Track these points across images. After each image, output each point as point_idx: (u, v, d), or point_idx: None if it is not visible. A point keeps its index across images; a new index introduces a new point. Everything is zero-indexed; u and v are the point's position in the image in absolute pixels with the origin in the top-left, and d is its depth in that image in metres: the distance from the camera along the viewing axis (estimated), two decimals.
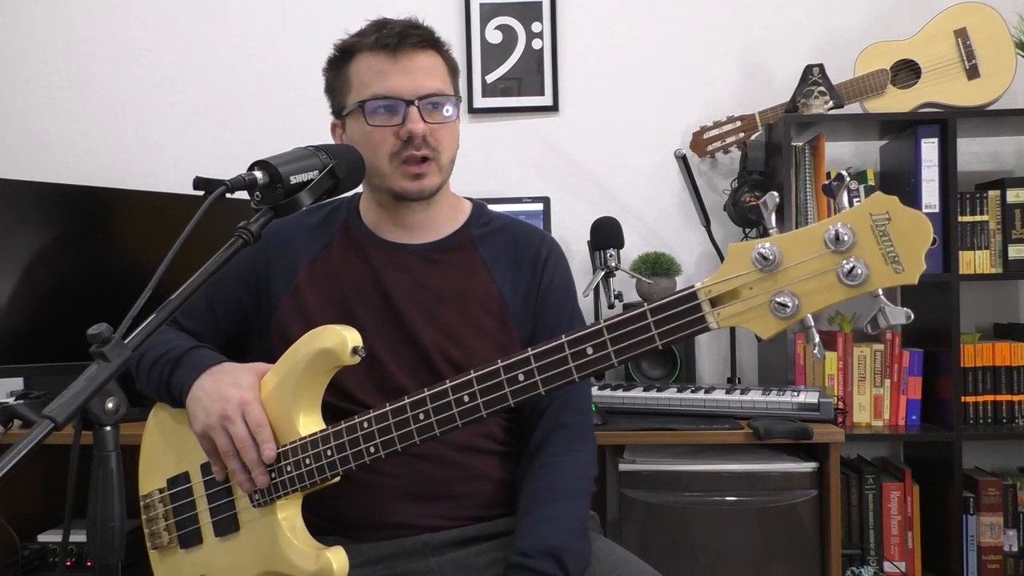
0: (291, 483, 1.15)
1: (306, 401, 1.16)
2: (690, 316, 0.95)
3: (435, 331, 1.29)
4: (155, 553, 1.31)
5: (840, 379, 2.29)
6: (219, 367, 1.23)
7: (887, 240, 0.87)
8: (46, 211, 2.02)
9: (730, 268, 0.93)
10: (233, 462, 1.17)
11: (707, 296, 0.94)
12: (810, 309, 0.91)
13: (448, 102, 1.30)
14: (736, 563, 1.81)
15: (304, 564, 1.14)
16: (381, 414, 1.11)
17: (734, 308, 0.93)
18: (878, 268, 0.87)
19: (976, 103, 2.33)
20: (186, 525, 1.26)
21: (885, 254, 0.87)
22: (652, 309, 0.96)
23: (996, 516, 2.24)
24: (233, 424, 1.15)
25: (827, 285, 0.89)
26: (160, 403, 1.34)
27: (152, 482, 1.31)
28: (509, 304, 1.33)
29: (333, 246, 1.36)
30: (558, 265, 1.40)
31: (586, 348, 1.00)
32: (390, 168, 1.28)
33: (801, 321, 0.92)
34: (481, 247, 1.37)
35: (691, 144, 2.45)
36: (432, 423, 1.08)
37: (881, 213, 0.87)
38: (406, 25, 1.29)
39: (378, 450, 1.11)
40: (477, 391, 1.06)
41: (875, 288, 0.88)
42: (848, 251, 0.87)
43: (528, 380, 1.03)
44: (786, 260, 0.90)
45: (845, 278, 0.88)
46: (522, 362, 1.03)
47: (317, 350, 1.14)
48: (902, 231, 0.86)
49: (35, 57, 2.66)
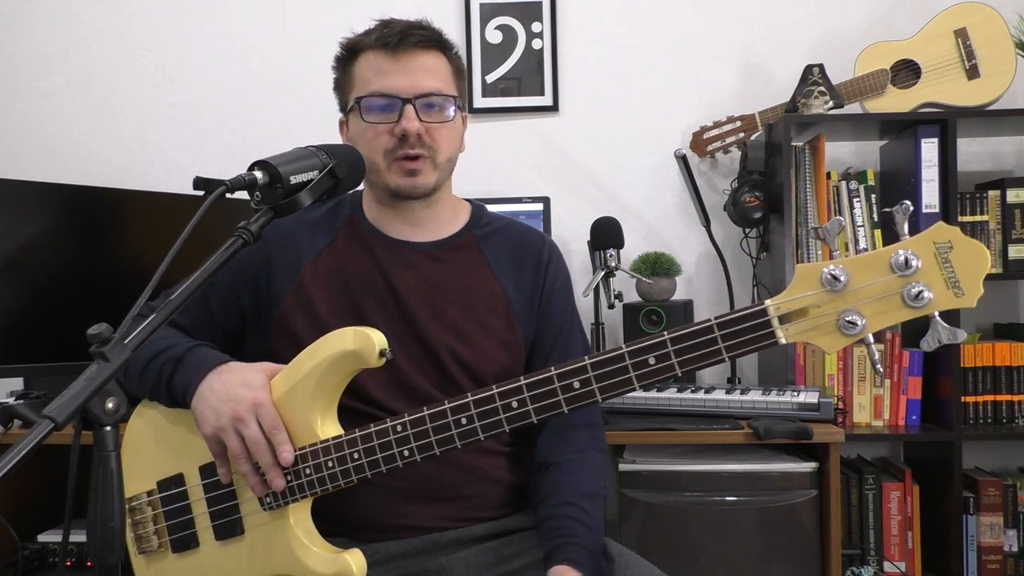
0: (309, 486, 1.14)
1: (323, 403, 1.15)
2: (760, 331, 0.99)
3: (442, 329, 1.29)
4: (141, 558, 1.27)
5: (840, 379, 2.29)
6: (226, 366, 1.21)
7: (949, 266, 0.94)
8: (46, 211, 2.02)
9: (799, 288, 0.98)
10: (244, 465, 1.14)
11: (776, 313, 0.99)
12: (875, 328, 0.97)
13: (447, 103, 1.30)
14: (736, 563, 1.81)
15: (321, 568, 1.12)
16: (418, 418, 1.11)
17: (802, 325, 0.99)
18: (940, 292, 0.94)
19: (976, 103, 2.33)
20: (180, 529, 1.23)
21: (947, 279, 0.94)
22: (719, 324, 1.01)
23: (996, 516, 2.24)
24: (246, 426, 1.13)
25: (893, 306, 0.96)
26: (147, 402, 1.30)
27: (139, 484, 1.26)
28: (514, 303, 1.34)
29: (337, 242, 1.35)
30: (559, 267, 1.42)
31: (648, 358, 1.03)
32: (385, 165, 1.29)
33: (862, 339, 0.98)
34: (484, 247, 1.37)
35: (691, 144, 2.45)
36: (476, 428, 1.09)
37: (944, 241, 0.95)
38: (409, 24, 1.29)
39: (413, 454, 1.11)
40: (528, 397, 1.08)
41: (936, 310, 0.95)
42: (913, 275, 0.94)
43: (584, 388, 1.06)
44: (853, 282, 0.96)
45: (911, 301, 0.94)
46: (579, 370, 1.06)
47: (341, 352, 1.12)
48: (962, 258, 0.94)
49: (35, 57, 2.66)
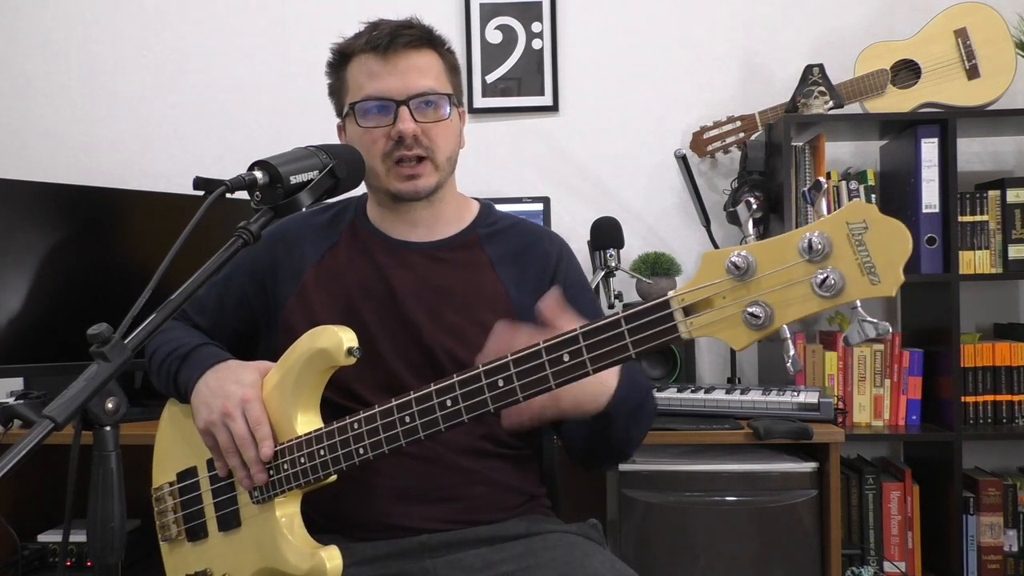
0: (287, 481, 1.16)
1: (304, 400, 1.17)
2: (662, 325, 0.92)
3: (439, 330, 1.29)
4: (165, 545, 1.34)
5: (840, 379, 2.29)
6: (224, 364, 1.25)
7: (863, 250, 0.83)
8: (46, 211, 2.02)
9: (704, 276, 0.89)
10: (233, 459, 1.17)
11: (680, 304, 0.91)
12: (784, 320, 0.87)
13: (441, 100, 1.30)
14: (736, 563, 1.81)
15: (298, 562, 1.14)
16: (370, 415, 1.11)
17: (707, 317, 0.89)
18: (853, 279, 0.83)
19: (976, 103, 2.33)
20: (193, 519, 1.28)
21: (861, 264, 0.83)
22: (626, 317, 0.94)
23: (996, 516, 2.24)
24: (234, 421, 1.16)
25: (801, 295, 0.85)
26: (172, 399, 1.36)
27: (163, 475, 1.33)
28: (515, 303, 1.33)
29: (339, 245, 1.36)
30: (571, 264, 1.41)
31: (563, 355, 0.97)
32: (383, 168, 1.29)
33: (776, 332, 0.88)
34: (487, 246, 1.37)
35: (691, 144, 2.45)
36: (417, 426, 1.08)
37: (858, 222, 0.83)
38: (398, 25, 1.29)
39: (367, 451, 1.11)
40: (459, 395, 1.04)
41: (851, 299, 0.84)
42: (823, 261, 0.84)
43: (507, 386, 1.01)
44: (760, 269, 0.86)
45: (819, 288, 0.84)
46: (502, 367, 1.01)
47: (314, 350, 1.15)
48: (880, 241, 0.82)
49: (35, 57, 2.66)
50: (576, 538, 1.29)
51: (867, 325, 0.86)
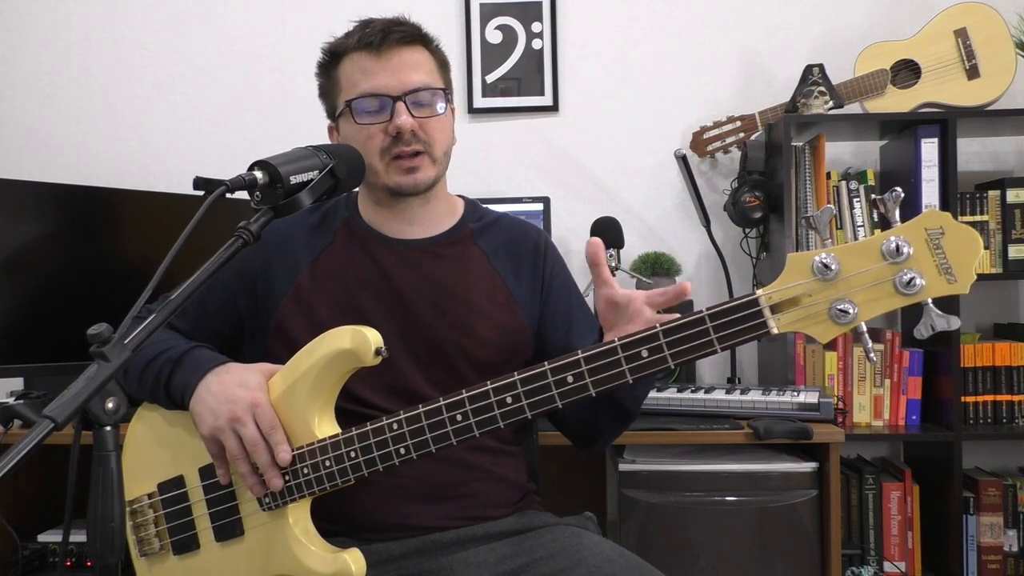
0: (307, 486, 1.13)
1: (321, 403, 1.14)
2: (751, 321, 0.98)
3: (447, 325, 1.30)
4: (143, 561, 1.27)
5: (840, 379, 2.29)
6: (223, 367, 1.21)
7: (940, 253, 0.93)
8: (46, 211, 2.02)
9: (790, 276, 0.97)
10: (243, 465, 1.14)
11: (768, 303, 0.98)
12: (867, 316, 0.95)
13: (437, 95, 1.30)
14: (736, 563, 1.81)
15: (320, 567, 1.12)
16: (413, 415, 1.10)
17: (794, 314, 0.98)
18: (932, 278, 0.94)
19: (976, 103, 2.33)
20: (181, 531, 1.23)
21: (939, 265, 0.93)
22: (711, 315, 0.99)
23: (996, 516, 2.24)
24: (244, 426, 1.13)
25: (885, 294, 0.95)
26: (147, 404, 1.30)
27: (140, 487, 1.26)
28: (514, 292, 1.35)
29: (335, 244, 1.35)
30: (554, 254, 1.45)
31: (641, 351, 1.01)
32: (382, 164, 1.29)
33: (855, 328, 0.96)
34: (480, 240, 1.38)
35: (691, 144, 2.45)
36: (471, 424, 1.08)
37: (935, 227, 0.93)
38: (389, 22, 1.29)
39: (409, 452, 1.10)
40: (522, 392, 1.05)
41: (928, 297, 0.94)
42: (905, 262, 0.93)
43: (578, 382, 1.04)
44: (845, 270, 0.95)
45: (903, 288, 0.93)
46: (571, 364, 1.04)
47: (337, 351, 1.12)
48: (954, 244, 0.93)
49: (35, 57, 2.65)
50: (577, 529, 1.30)
51: (938, 319, 0.96)
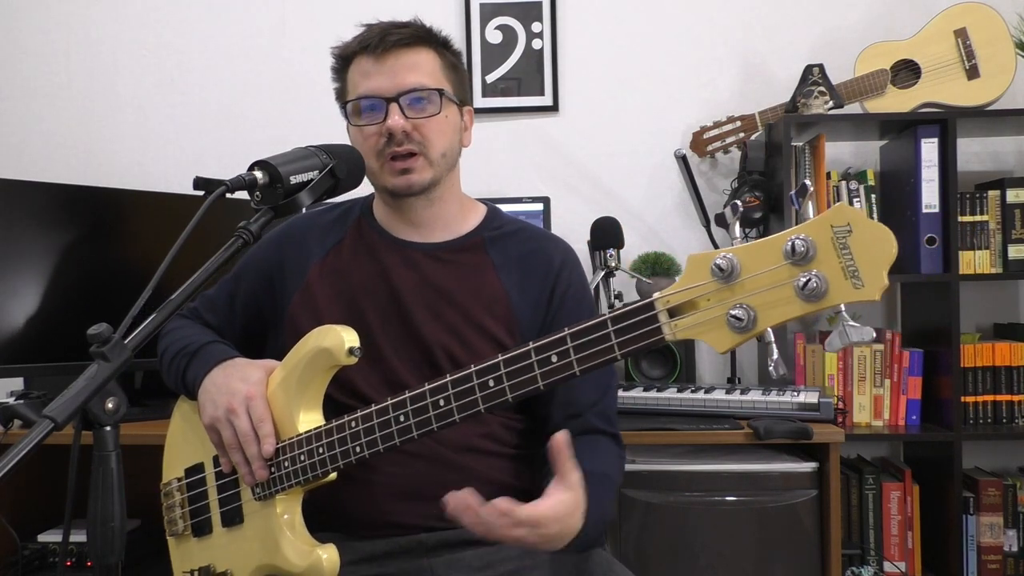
0: (288, 478, 1.17)
1: (307, 398, 1.19)
2: (647, 327, 0.92)
3: (439, 329, 1.30)
4: (172, 540, 1.36)
5: (840, 379, 2.29)
6: (230, 362, 1.27)
7: (847, 253, 0.82)
8: (46, 211, 2.01)
9: (689, 278, 0.90)
10: (236, 455, 1.20)
11: (665, 306, 0.91)
12: (767, 323, 0.86)
13: (433, 96, 1.30)
14: (736, 563, 1.81)
15: (296, 559, 1.16)
16: (367, 414, 1.12)
17: (691, 319, 0.90)
18: (837, 283, 0.83)
19: (976, 103, 2.33)
20: (199, 514, 1.30)
21: (844, 268, 0.82)
22: (612, 318, 0.95)
23: (996, 516, 2.24)
24: (238, 418, 1.18)
25: (784, 298, 0.85)
26: (183, 396, 1.38)
27: (172, 471, 1.36)
28: (515, 307, 1.33)
29: (344, 243, 1.38)
30: (573, 272, 1.40)
31: (551, 355, 0.99)
32: (378, 165, 1.30)
33: (760, 336, 0.87)
34: (491, 249, 1.37)
35: (691, 144, 2.45)
36: (411, 425, 1.09)
37: (842, 225, 0.82)
38: (390, 25, 1.30)
39: (363, 449, 1.12)
40: (452, 395, 1.06)
41: (834, 303, 0.84)
42: (806, 264, 0.84)
43: (497, 386, 1.03)
44: (744, 271, 0.87)
45: (801, 292, 0.83)
46: (492, 367, 1.03)
47: (316, 349, 1.16)
48: (864, 245, 0.82)
49: (35, 57, 2.66)
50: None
51: (850, 329, 0.86)
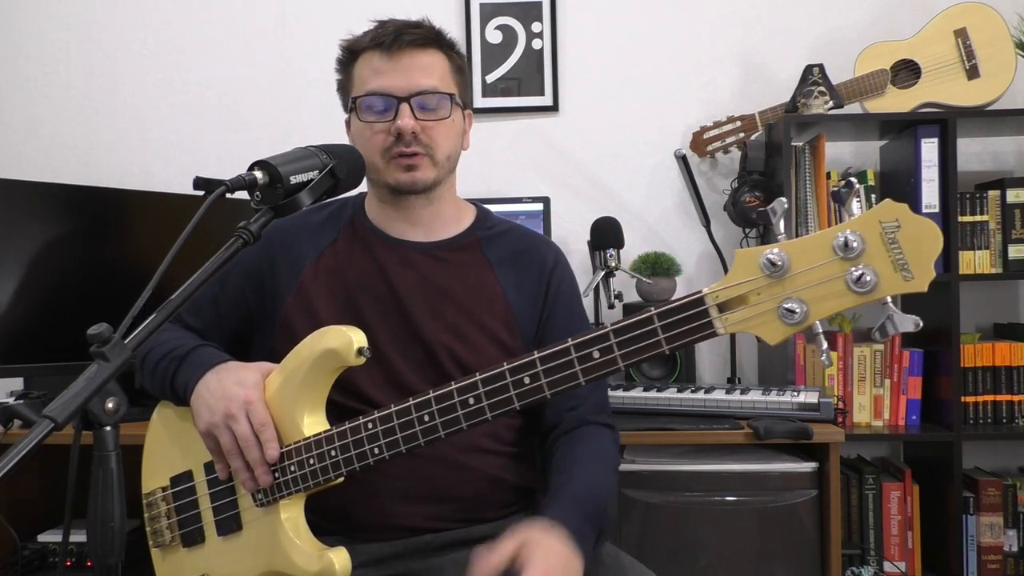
0: (294, 483, 1.15)
1: (310, 401, 1.16)
2: (697, 321, 0.95)
3: (441, 328, 1.30)
4: (157, 552, 1.31)
5: (840, 379, 2.29)
6: (224, 365, 1.23)
7: (896, 247, 0.87)
8: (46, 211, 2.01)
9: (738, 274, 0.92)
10: (236, 461, 1.17)
11: (715, 301, 0.94)
12: (818, 316, 0.91)
13: (444, 100, 1.30)
14: (736, 563, 1.81)
15: (306, 564, 1.13)
16: (386, 415, 1.11)
17: (741, 314, 0.93)
18: (887, 275, 0.87)
19: (976, 103, 2.33)
20: (189, 524, 1.26)
21: (894, 261, 0.87)
22: (659, 314, 0.96)
23: (996, 516, 2.24)
24: (237, 423, 1.15)
25: (836, 292, 0.89)
26: (164, 401, 1.34)
27: (155, 480, 1.31)
28: (513, 306, 1.34)
29: (338, 243, 1.36)
30: (565, 272, 1.42)
31: (592, 352, 1.00)
32: (383, 163, 1.30)
33: (809, 328, 0.92)
34: (486, 248, 1.38)
35: (691, 144, 2.45)
36: (437, 424, 1.08)
37: (891, 220, 0.87)
38: (405, 24, 1.30)
39: (382, 451, 1.11)
40: (483, 393, 1.05)
41: (884, 295, 0.88)
42: (857, 258, 0.88)
43: (534, 383, 1.03)
44: (794, 266, 0.90)
45: (854, 285, 0.88)
46: (528, 365, 1.03)
47: (322, 350, 1.14)
48: (912, 239, 0.86)
49: (35, 57, 2.66)
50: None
51: (899, 319, 0.88)
